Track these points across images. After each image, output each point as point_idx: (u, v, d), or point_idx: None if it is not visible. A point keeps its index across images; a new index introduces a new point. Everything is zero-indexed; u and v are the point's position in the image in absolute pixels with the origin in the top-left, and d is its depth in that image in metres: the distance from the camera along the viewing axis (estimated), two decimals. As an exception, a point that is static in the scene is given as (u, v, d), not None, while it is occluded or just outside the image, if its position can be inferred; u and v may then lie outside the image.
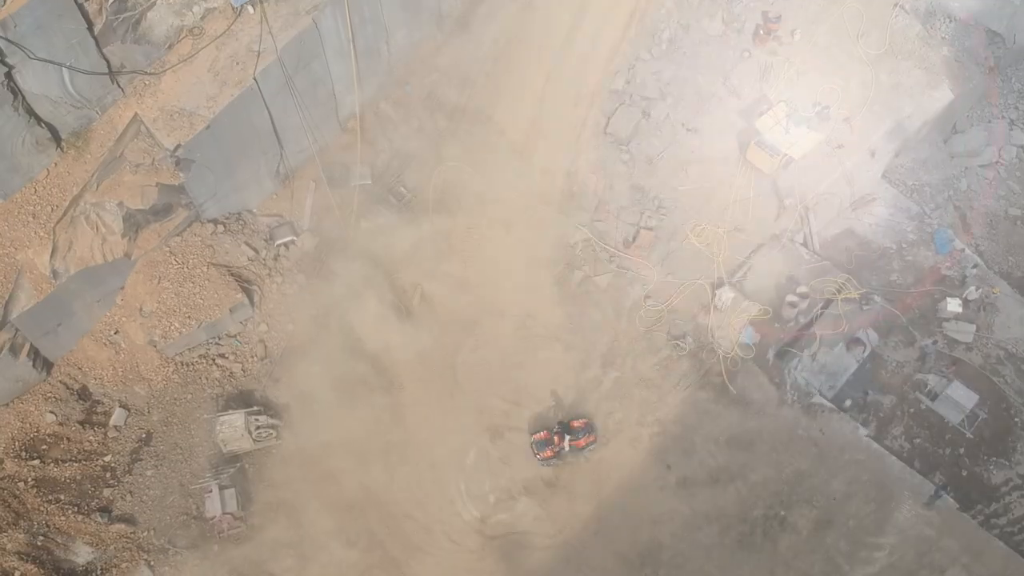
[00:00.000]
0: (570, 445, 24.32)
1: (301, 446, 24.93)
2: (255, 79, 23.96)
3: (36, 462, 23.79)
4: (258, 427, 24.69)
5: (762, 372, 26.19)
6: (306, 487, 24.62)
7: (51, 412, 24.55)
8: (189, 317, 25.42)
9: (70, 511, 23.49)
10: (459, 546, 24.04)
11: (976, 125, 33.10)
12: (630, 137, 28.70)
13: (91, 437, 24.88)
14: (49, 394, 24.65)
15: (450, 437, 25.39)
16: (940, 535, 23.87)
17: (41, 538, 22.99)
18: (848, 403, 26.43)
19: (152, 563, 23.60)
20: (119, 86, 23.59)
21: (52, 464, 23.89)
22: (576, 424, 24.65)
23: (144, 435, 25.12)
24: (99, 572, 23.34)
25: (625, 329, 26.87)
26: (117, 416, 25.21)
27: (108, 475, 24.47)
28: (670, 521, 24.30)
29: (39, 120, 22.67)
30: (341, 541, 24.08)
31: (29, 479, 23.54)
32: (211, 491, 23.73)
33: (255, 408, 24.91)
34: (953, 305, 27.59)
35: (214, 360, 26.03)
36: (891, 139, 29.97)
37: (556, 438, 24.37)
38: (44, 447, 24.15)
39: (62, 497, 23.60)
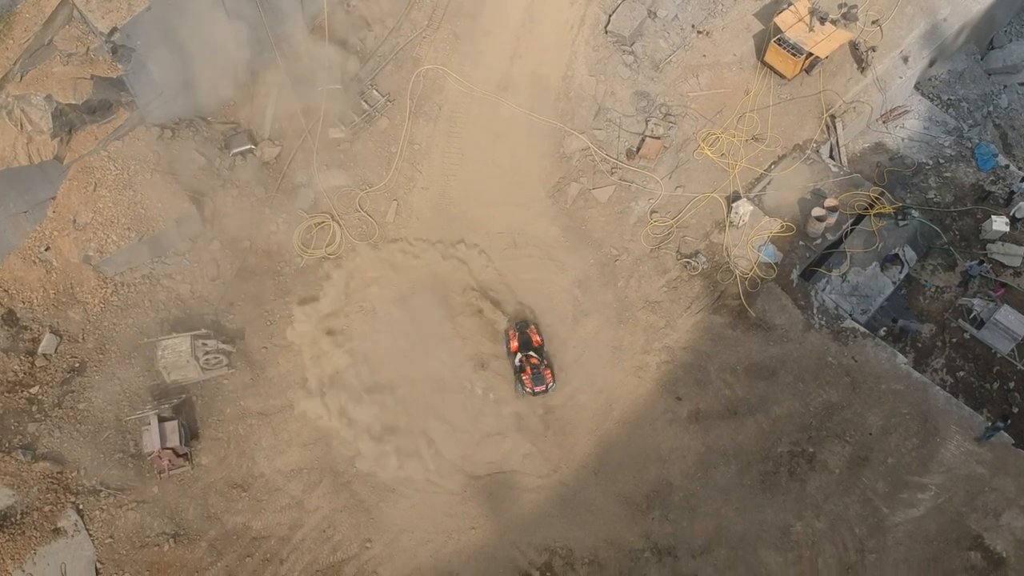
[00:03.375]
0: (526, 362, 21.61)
1: (256, 375, 21.63)
2: (203, -51, 20.78)
3: (-51, 392, 20.65)
4: (206, 353, 21.42)
5: (785, 294, 22.97)
6: (261, 422, 21.36)
7: (-31, 338, 21.41)
8: (128, 229, 22.18)
9: (-13, 448, 20.34)
10: (437, 487, 20.79)
11: (1016, 40, 29.96)
12: (634, 37, 25.46)
13: (15, 366, 21.68)
14: (-33, 318, 21.52)
15: (427, 366, 22.12)
16: (994, 474, 20.61)
17: (-50, 477, 19.84)
18: (882, 332, 23.18)
19: (81, 506, 20.34)
20: (44, -44, 20.40)
21: (-32, 395, 20.75)
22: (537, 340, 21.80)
23: (77, 364, 21.89)
24: (18, 516, 20.11)
25: (629, 247, 23.64)
26: (46, 343, 21.99)
27: (34, 408, 21.24)
28: (681, 459, 21.06)
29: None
30: (300, 482, 20.82)
31: (-61, 410, 20.39)
32: (149, 423, 20.42)
33: (203, 331, 21.61)
34: (999, 224, 24.39)
35: (159, 281, 22.79)
36: (925, 44, 26.77)
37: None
38: (-41, 376, 21.00)
39: (-22, 432, 20.47)
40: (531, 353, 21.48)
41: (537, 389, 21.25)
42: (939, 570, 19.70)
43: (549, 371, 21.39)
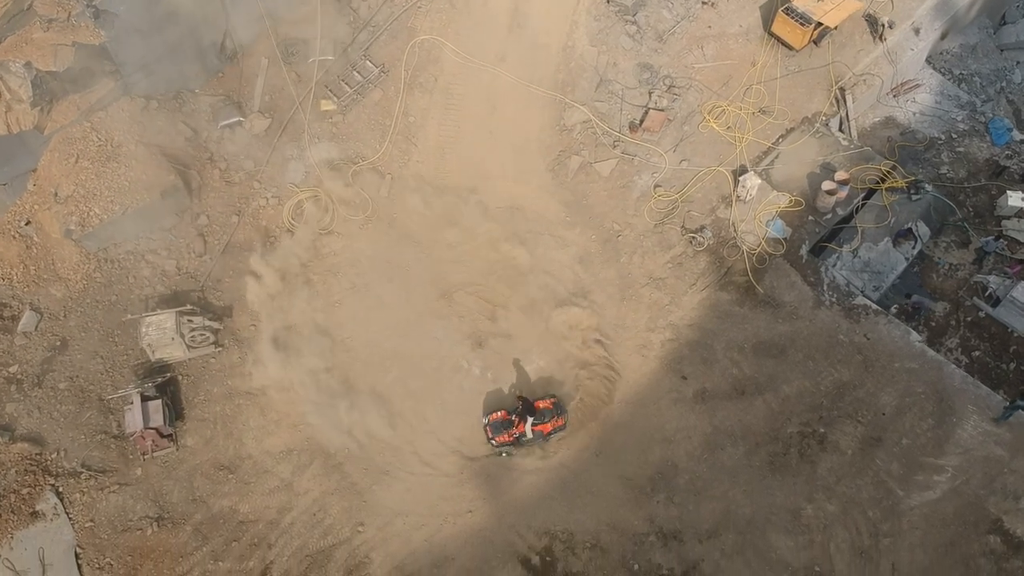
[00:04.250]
0: (533, 431, 19.78)
1: (244, 354, 20.77)
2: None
3: (-77, 370, 19.82)
4: (192, 330, 20.56)
5: (794, 270, 22.09)
6: (249, 401, 20.50)
7: (-56, 313, 20.56)
8: (112, 202, 21.33)
9: (-38, 428, 19.50)
10: (433, 469, 19.91)
11: (1028, 15, 29.05)
12: (636, 7, 24.61)
13: (-6, 345, 20.79)
14: (-56, 294, 20.67)
15: (424, 345, 21.28)
16: (1013, 455, 19.73)
17: (-76, 458, 18.99)
18: (894, 309, 22.31)
19: (60, 489, 19.48)
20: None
21: (-57, 373, 19.91)
22: (541, 405, 19.98)
23: (58, 342, 21.02)
24: (-5, 499, 19.21)
25: (632, 222, 22.78)
26: (26, 320, 21.13)
27: (13, 388, 20.37)
28: (686, 440, 20.19)
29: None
30: (290, 464, 19.96)
31: (-87, 389, 19.54)
32: (131, 403, 19.55)
33: (188, 307, 20.75)
34: (1015, 199, 23.50)
35: (143, 256, 21.93)
36: (937, 15, 25.92)
37: (516, 420, 19.78)
38: (-65, 354, 20.16)
39: (-47, 412, 19.62)
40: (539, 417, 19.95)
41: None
42: (957, 554, 18.82)
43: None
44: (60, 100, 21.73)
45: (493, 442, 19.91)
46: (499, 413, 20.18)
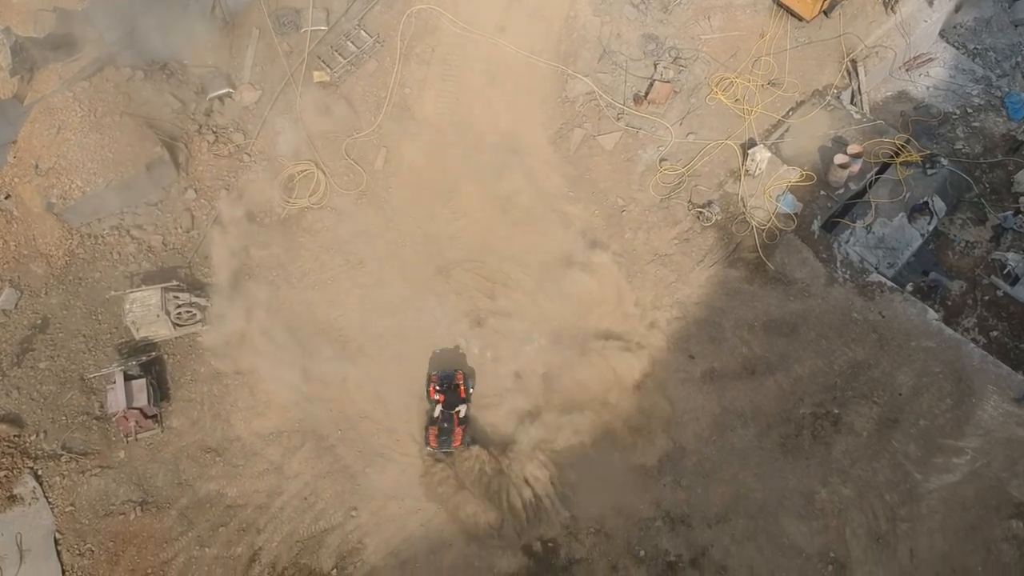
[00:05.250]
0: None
1: (233, 332, 19.89)
2: None
3: None
4: (178, 307, 19.69)
5: (806, 246, 21.26)
6: (238, 381, 19.64)
7: (-80, 291, 19.74)
8: (95, 174, 20.49)
9: (-62, 409, 18.66)
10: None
11: (1045, -12, 28.18)
12: (641, -24, 23.74)
13: (-29, 323, 19.94)
14: (-81, 269, 19.86)
15: (420, 324, 20.40)
16: (1036, 437, 18.90)
17: None
18: (910, 287, 21.47)
19: (39, 472, 18.64)
20: None
21: (-83, 352, 19.08)
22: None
23: (39, 321, 20.21)
24: (-30, 482, 18.36)
25: (636, 197, 21.92)
26: (6, 298, 20.35)
27: (-9, 368, 19.50)
28: (694, 421, 19.35)
29: None
30: (280, 446, 19.10)
31: None
32: (114, 382, 18.68)
33: (175, 283, 19.88)
34: (1033, 175, 22.68)
35: (128, 231, 21.08)
36: (952, -15, 25.06)
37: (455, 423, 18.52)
38: (-91, 332, 19.31)
39: (-72, 392, 18.78)
40: (457, 410, 18.63)
41: (442, 450, 18.46)
42: (978, 540, 17.99)
43: (461, 430, 18.54)
44: (41, 68, 20.92)
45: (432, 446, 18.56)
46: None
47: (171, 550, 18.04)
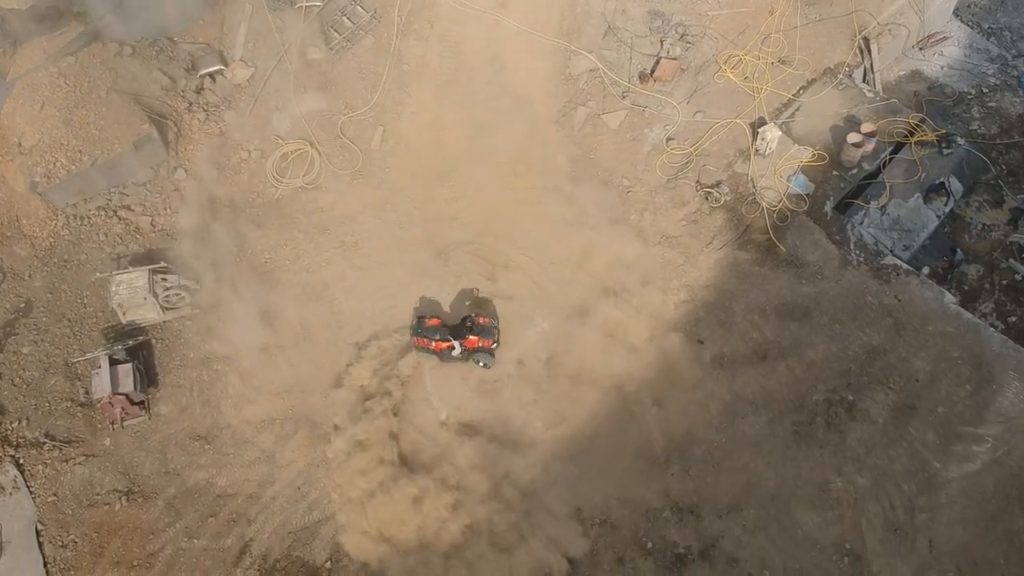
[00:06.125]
0: (461, 345, 18.41)
1: (223, 316, 19.13)
2: None
3: None
4: (167, 289, 18.94)
5: (818, 228, 20.53)
6: (228, 367, 18.88)
7: (-102, 272, 18.99)
8: (80, 152, 19.75)
9: (-84, 395, 17.91)
10: (427, 439, 18.24)
11: (1059, -32, 27.45)
12: (646, -50, 22.97)
13: (-48, 307, 19.19)
14: (-103, 251, 19.11)
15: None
16: (1059, 424, 18.15)
17: None
18: (926, 270, 20.73)
19: (21, 460, 17.91)
20: None
21: None
22: (483, 321, 18.69)
23: (22, 304, 19.50)
24: (-51, 471, 17.60)
25: (643, 177, 21.18)
26: (-12, 281, 19.53)
27: (-28, 353, 18.74)
28: (704, 408, 18.59)
29: None
30: (272, 434, 18.36)
31: None
32: (99, 366, 17.92)
33: (162, 265, 19.13)
34: (1052, 156, 21.91)
35: (115, 212, 20.34)
36: (967, -37, 24.29)
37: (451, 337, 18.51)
38: None
39: (-94, 378, 18.04)
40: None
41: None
42: (999, 530, 17.23)
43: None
44: (24, 43, 20.17)
45: (415, 340, 18.42)
46: (436, 320, 18.70)
47: (158, 541, 17.30)
